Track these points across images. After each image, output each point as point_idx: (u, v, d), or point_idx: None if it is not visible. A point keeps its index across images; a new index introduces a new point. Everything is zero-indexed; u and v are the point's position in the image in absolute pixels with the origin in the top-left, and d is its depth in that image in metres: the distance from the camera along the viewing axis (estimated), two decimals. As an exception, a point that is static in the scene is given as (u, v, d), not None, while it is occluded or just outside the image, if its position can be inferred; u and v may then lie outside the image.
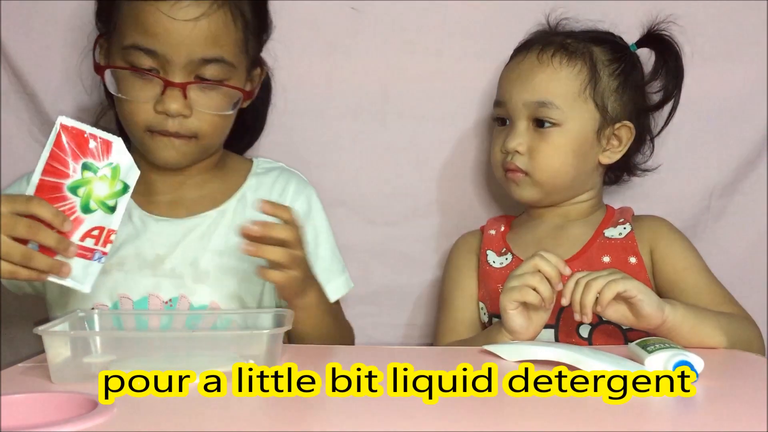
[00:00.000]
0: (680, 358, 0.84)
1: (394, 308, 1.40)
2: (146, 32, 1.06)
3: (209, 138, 1.13)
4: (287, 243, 0.98)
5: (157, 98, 1.08)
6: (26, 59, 1.32)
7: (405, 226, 1.39)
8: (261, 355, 0.88)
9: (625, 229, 1.21)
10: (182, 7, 1.06)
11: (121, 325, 1.05)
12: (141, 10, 1.07)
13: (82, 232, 0.93)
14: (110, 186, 0.94)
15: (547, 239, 1.24)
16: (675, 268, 1.18)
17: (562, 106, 1.19)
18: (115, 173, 0.95)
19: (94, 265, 0.94)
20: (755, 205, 1.36)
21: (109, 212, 0.94)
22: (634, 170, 1.32)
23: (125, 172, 0.95)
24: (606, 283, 0.98)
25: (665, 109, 1.30)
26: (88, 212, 0.94)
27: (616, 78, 1.22)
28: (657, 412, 0.77)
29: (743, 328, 1.10)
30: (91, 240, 0.94)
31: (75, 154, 0.93)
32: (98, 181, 0.94)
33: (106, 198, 0.94)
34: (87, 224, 0.94)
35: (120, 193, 0.95)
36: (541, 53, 1.22)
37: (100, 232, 0.94)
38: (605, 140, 1.23)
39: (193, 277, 1.13)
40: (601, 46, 1.23)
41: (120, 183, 0.95)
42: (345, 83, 1.35)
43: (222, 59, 1.09)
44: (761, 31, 1.34)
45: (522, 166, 1.21)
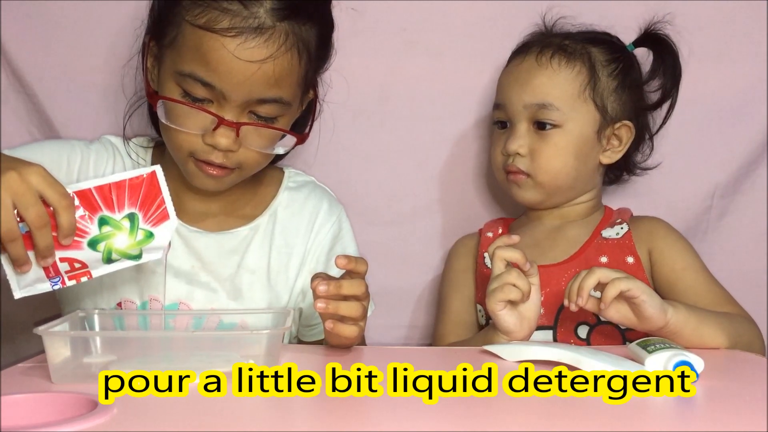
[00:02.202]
0: (680, 358, 0.84)
1: (395, 309, 1.40)
2: (207, 65, 1.01)
3: (251, 170, 1.10)
4: (359, 297, 0.96)
5: (207, 129, 1.03)
6: (26, 59, 1.32)
7: (405, 226, 1.39)
8: (261, 355, 0.88)
9: (623, 229, 1.22)
10: (250, 47, 1.00)
11: (122, 326, 1.05)
12: (206, 41, 1.00)
13: (69, 256, 0.90)
14: (130, 246, 0.92)
15: (544, 241, 1.24)
16: (674, 269, 1.18)
17: (562, 108, 1.20)
18: (145, 241, 0.92)
19: (45, 285, 0.90)
20: (756, 205, 1.36)
21: (106, 262, 0.92)
22: (634, 169, 1.32)
23: (152, 246, 0.93)
24: (610, 278, 0.98)
25: (664, 107, 1.30)
26: (92, 248, 0.91)
27: (614, 78, 1.22)
28: (657, 412, 0.77)
29: (744, 329, 1.10)
30: (66, 266, 0.90)
31: (135, 200, 0.92)
32: (126, 234, 0.92)
33: (116, 251, 0.92)
34: (79, 254, 0.91)
35: (131, 257, 0.93)
36: (540, 55, 1.22)
37: (81, 267, 0.91)
38: (605, 140, 1.23)
39: (228, 293, 1.13)
40: (599, 46, 1.23)
41: (139, 250, 0.93)
42: (344, 83, 1.35)
43: (280, 99, 1.05)
44: (761, 31, 1.34)
45: (524, 168, 1.21)
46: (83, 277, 0.91)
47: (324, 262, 1.18)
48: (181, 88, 1.03)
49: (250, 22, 1.00)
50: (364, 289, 0.96)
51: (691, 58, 1.32)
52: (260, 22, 1.00)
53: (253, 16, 1.00)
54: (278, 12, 1.01)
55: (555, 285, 1.17)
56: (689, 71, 1.31)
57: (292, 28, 1.03)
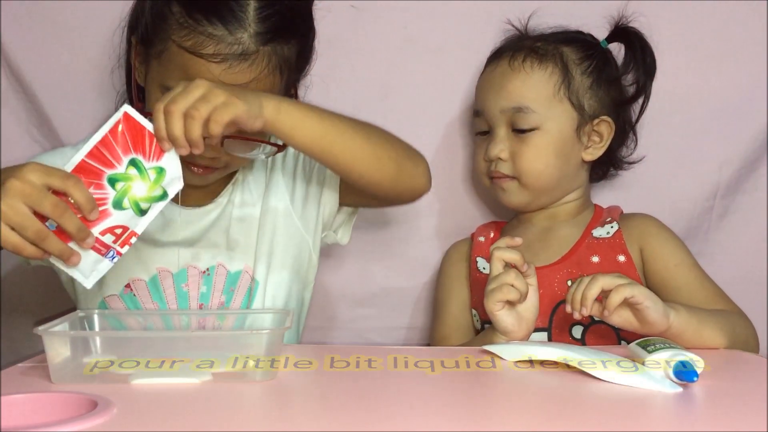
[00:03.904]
0: (680, 358, 0.84)
1: (394, 310, 1.40)
2: None
3: (237, 167, 1.15)
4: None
5: None
6: (26, 59, 1.32)
7: (405, 227, 1.39)
8: (261, 355, 0.88)
9: (613, 228, 1.22)
10: (234, 72, 1.02)
11: (121, 326, 1.05)
12: (192, 64, 1.02)
13: (105, 227, 0.90)
14: (150, 189, 0.91)
15: (535, 243, 1.24)
16: (666, 266, 1.18)
17: (538, 110, 1.20)
18: (159, 178, 0.92)
19: (105, 263, 0.91)
20: (757, 205, 1.36)
21: (139, 214, 0.91)
22: (620, 164, 1.32)
23: (169, 180, 0.92)
24: (614, 285, 0.97)
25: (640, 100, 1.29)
26: (119, 209, 0.90)
27: (589, 75, 1.23)
28: (657, 412, 0.77)
29: (741, 327, 1.10)
30: (111, 237, 0.90)
31: (127, 146, 0.91)
32: (139, 180, 0.91)
33: (142, 200, 0.91)
34: (112, 220, 0.90)
35: (157, 198, 0.92)
36: (512, 59, 1.23)
37: (123, 231, 0.91)
38: (586, 137, 1.23)
39: (226, 245, 1.14)
40: (571, 45, 1.24)
41: (160, 189, 0.92)
42: (344, 80, 1.35)
43: None
44: (761, 31, 1.34)
45: (507, 171, 1.23)
46: (131, 238, 0.91)
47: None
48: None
49: (235, 49, 1.01)
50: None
51: (691, 59, 1.32)
52: (244, 48, 1.02)
53: (237, 42, 1.01)
54: (262, 36, 1.03)
55: (548, 286, 1.17)
56: (689, 71, 1.31)
57: (275, 50, 1.05)
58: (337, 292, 1.39)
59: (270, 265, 1.15)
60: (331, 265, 1.37)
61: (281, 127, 0.98)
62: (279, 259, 1.16)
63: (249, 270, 1.15)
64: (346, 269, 1.38)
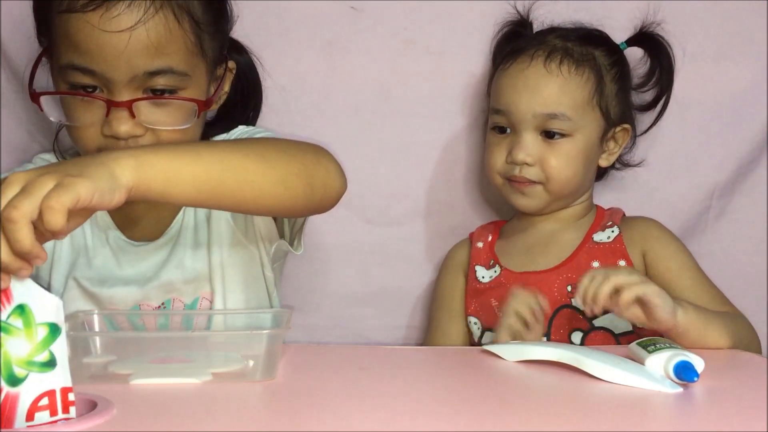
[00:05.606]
0: (681, 359, 0.84)
1: (393, 310, 1.40)
2: (79, 49, 0.95)
3: (170, 137, 1.01)
4: None
5: (103, 120, 0.97)
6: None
7: (405, 226, 1.39)
8: (260, 355, 0.88)
9: (613, 233, 1.21)
10: (113, 17, 0.93)
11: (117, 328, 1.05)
12: (71, 25, 0.95)
13: (25, 409, 0.67)
14: (28, 337, 0.67)
15: (536, 247, 1.24)
16: (670, 269, 1.18)
17: (573, 117, 1.18)
18: (28, 319, 0.68)
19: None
20: (756, 205, 1.36)
21: (49, 369, 0.68)
22: (623, 166, 1.32)
23: (43, 309, 0.68)
24: (627, 283, 0.97)
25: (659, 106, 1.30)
26: (19, 384, 0.67)
27: (616, 82, 1.22)
28: (657, 412, 0.77)
29: (743, 328, 1.10)
30: (44, 413, 0.68)
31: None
32: (9, 338, 0.67)
33: (32, 355, 0.67)
34: (26, 396, 0.67)
35: (49, 338, 0.68)
36: (548, 61, 1.19)
37: (51, 397, 0.68)
38: (605, 144, 1.23)
39: (183, 280, 1.10)
40: (599, 48, 1.23)
41: (43, 327, 0.68)
42: (344, 82, 1.35)
43: (170, 69, 0.97)
44: (761, 31, 1.34)
45: (533, 177, 1.20)
46: (69, 394, 0.69)
47: None
48: (67, 84, 0.99)
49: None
50: None
51: (691, 58, 1.32)
52: None
53: None
54: None
55: (548, 291, 1.16)
56: (689, 71, 1.31)
57: None
58: (337, 292, 1.39)
59: (225, 289, 1.10)
60: (330, 265, 1.37)
61: (151, 185, 0.78)
62: (232, 280, 1.10)
63: (207, 296, 1.10)
64: (346, 269, 1.38)
